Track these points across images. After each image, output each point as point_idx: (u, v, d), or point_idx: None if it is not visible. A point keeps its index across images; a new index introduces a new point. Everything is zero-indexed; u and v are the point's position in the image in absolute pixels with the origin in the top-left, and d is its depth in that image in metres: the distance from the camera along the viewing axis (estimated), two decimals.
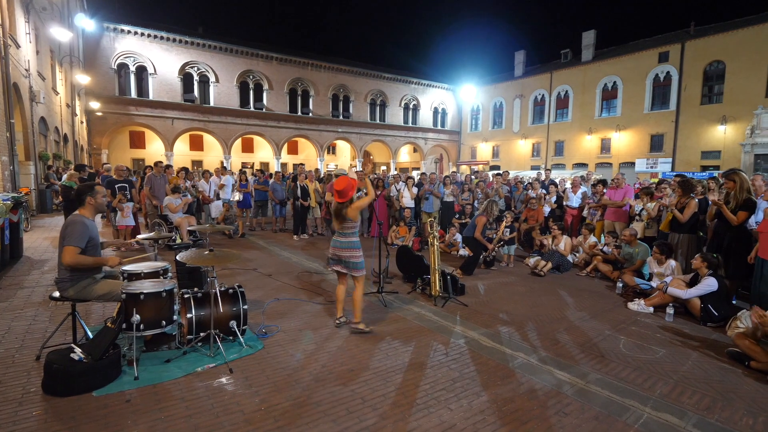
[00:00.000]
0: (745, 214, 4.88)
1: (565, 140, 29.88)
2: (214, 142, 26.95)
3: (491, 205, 6.83)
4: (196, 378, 3.15)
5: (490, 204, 6.86)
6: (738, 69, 21.80)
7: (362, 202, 4.20)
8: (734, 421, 2.77)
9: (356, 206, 4.12)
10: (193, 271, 4.49)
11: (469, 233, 6.84)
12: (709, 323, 4.53)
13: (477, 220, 6.76)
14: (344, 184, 4.10)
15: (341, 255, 4.15)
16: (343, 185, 4.09)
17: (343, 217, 4.14)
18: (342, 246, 4.15)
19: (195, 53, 24.97)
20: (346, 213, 4.11)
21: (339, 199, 4.11)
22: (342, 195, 4.09)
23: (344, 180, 4.15)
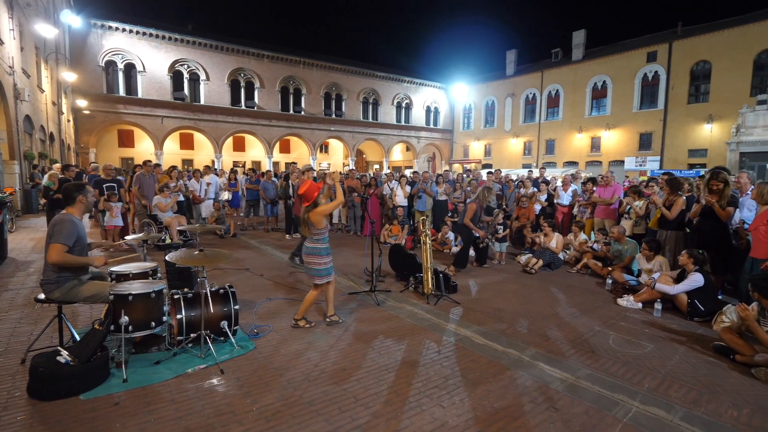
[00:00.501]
0: (731, 210, 4.98)
1: (556, 139, 30.12)
2: (205, 140, 26.70)
3: (484, 192, 6.76)
4: (186, 379, 3.12)
5: (484, 190, 6.79)
6: (723, 68, 22.15)
7: (326, 208, 4.08)
8: (720, 413, 2.82)
9: (320, 211, 4.01)
10: (184, 271, 4.44)
11: (460, 220, 6.83)
12: (695, 318, 4.61)
13: (468, 206, 6.72)
14: (306, 187, 4.01)
15: (306, 261, 4.13)
16: (305, 188, 4.01)
17: (306, 222, 4.07)
18: (307, 251, 4.11)
19: (185, 51, 24.69)
20: (308, 218, 4.03)
21: (304, 203, 4.03)
22: (305, 198, 4.01)
23: (306, 183, 4.09)
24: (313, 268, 4.08)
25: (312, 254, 4.07)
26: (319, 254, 4.05)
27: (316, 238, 4.07)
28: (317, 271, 4.07)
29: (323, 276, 4.10)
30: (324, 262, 4.07)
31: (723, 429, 2.64)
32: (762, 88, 21.07)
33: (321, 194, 4.08)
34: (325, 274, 4.10)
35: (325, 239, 4.12)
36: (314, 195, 4.00)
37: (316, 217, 4.03)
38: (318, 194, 4.03)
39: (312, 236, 4.08)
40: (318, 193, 4.03)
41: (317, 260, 4.05)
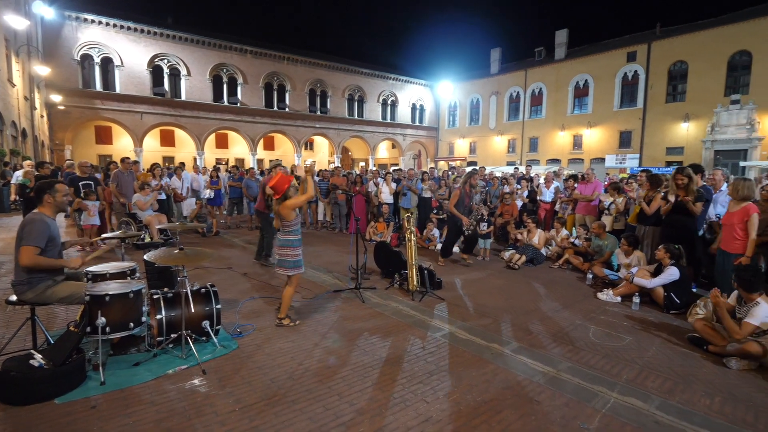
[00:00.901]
0: (699, 205, 5.12)
1: (540, 136, 30.54)
2: (187, 137, 26.17)
3: (469, 176, 6.67)
4: (167, 380, 3.06)
5: (468, 175, 6.72)
6: (699, 69, 22.78)
7: (296, 201, 4.07)
8: (693, 402, 2.92)
9: (289, 204, 4.03)
10: (164, 270, 4.35)
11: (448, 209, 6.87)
12: (671, 311, 4.74)
13: (453, 192, 6.69)
14: (276, 180, 4.04)
15: (279, 254, 4.14)
16: (275, 181, 4.04)
17: (277, 215, 4.10)
18: (279, 244, 4.14)
19: (165, 45, 24.13)
20: (278, 210, 4.06)
21: (275, 196, 4.06)
22: (275, 191, 4.03)
23: (277, 175, 4.10)
24: (287, 260, 4.10)
25: (285, 246, 4.10)
26: (292, 246, 4.09)
27: (288, 230, 4.10)
28: (291, 263, 4.10)
29: (296, 268, 4.14)
30: (297, 254, 4.12)
31: (696, 417, 2.73)
32: (735, 88, 21.75)
33: (291, 187, 4.09)
34: (298, 265, 4.14)
35: (297, 231, 4.15)
36: (284, 188, 4.02)
37: (286, 210, 4.04)
38: (288, 187, 4.05)
39: (284, 228, 4.11)
40: (288, 186, 4.05)
41: (290, 252, 4.09)
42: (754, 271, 3.57)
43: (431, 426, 2.58)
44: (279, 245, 4.15)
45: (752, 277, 3.54)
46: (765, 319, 3.40)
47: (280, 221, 4.12)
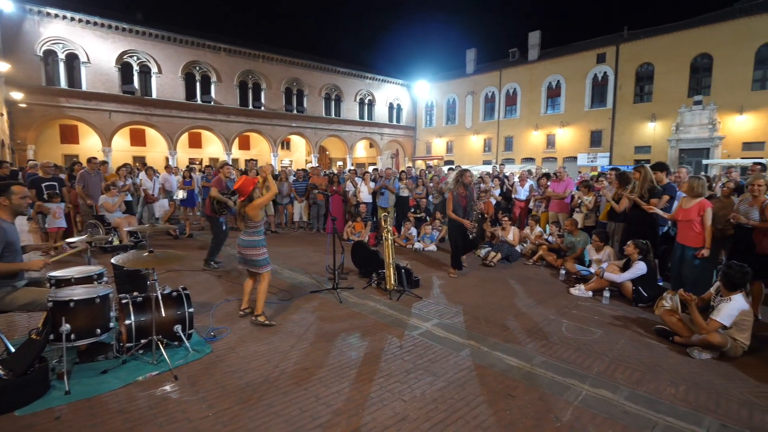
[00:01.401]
0: (656, 201, 5.32)
1: (514, 136, 31.11)
2: (158, 137, 25.37)
3: (459, 176, 6.17)
4: (136, 388, 2.97)
5: (459, 174, 6.21)
6: (664, 71, 23.70)
7: (261, 200, 4.17)
8: (659, 391, 3.03)
9: (256, 204, 4.12)
10: (133, 274, 4.20)
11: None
12: (639, 304, 4.92)
13: (447, 198, 6.19)
14: (241, 182, 4.14)
15: (244, 253, 4.21)
16: (240, 183, 4.14)
17: (243, 216, 4.17)
18: (244, 245, 4.21)
19: (134, 41, 23.30)
20: (245, 212, 4.13)
21: (240, 198, 4.15)
22: (240, 193, 4.13)
23: (242, 178, 4.20)
24: (254, 260, 4.20)
25: (250, 246, 4.19)
26: (257, 246, 4.20)
27: (252, 231, 4.21)
28: (258, 261, 4.20)
29: (263, 265, 4.24)
30: (263, 253, 4.23)
31: (662, 406, 2.84)
32: (698, 89, 22.74)
33: (256, 188, 4.19)
34: (265, 263, 4.24)
35: (261, 231, 4.27)
36: (249, 189, 4.11)
37: (253, 211, 4.14)
38: (253, 188, 4.14)
39: (248, 229, 4.21)
40: (253, 188, 4.14)
41: (257, 252, 4.19)
42: (743, 273, 3.64)
43: (408, 424, 2.59)
44: (245, 245, 4.21)
45: (738, 277, 3.62)
46: (732, 316, 3.55)
47: (244, 223, 4.20)
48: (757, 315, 4.44)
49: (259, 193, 4.21)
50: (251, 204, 4.11)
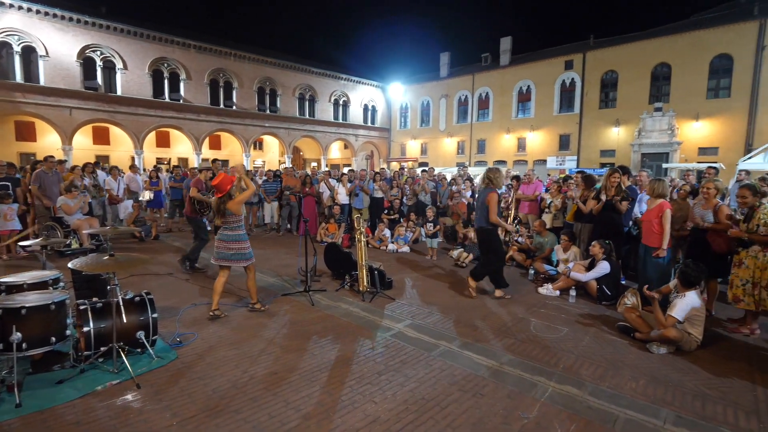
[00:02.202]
0: (627, 203, 5.58)
1: (487, 139, 31.74)
2: (124, 135, 24.37)
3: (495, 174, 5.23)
4: (95, 398, 2.83)
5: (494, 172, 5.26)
6: (628, 78, 24.78)
7: (243, 197, 4.39)
8: (621, 386, 3.16)
9: (237, 201, 4.35)
10: (93, 279, 4.01)
11: (482, 222, 5.19)
12: (604, 302, 5.11)
13: (488, 198, 5.06)
14: (219, 180, 4.34)
15: (231, 247, 4.38)
16: (218, 180, 4.34)
17: (223, 212, 4.36)
18: (229, 239, 4.39)
19: (97, 35, 22.31)
20: (227, 207, 4.34)
21: (216, 194, 4.34)
22: (218, 190, 4.32)
23: (220, 175, 4.41)
24: (240, 253, 4.41)
25: (236, 240, 4.41)
26: (240, 239, 4.43)
27: (235, 225, 4.43)
28: (244, 254, 4.43)
29: (249, 258, 4.47)
30: (247, 246, 4.47)
31: (623, 400, 2.96)
32: (658, 96, 23.89)
33: (234, 186, 4.38)
34: (249, 256, 4.48)
35: (242, 226, 4.51)
36: (227, 187, 4.31)
37: (236, 207, 4.37)
38: (231, 186, 4.34)
39: (230, 224, 4.41)
40: (231, 186, 4.34)
41: (241, 245, 4.42)
42: (698, 271, 3.83)
43: (379, 426, 2.59)
44: (230, 240, 4.39)
45: (694, 275, 3.82)
46: (685, 312, 3.73)
47: (222, 218, 4.38)
48: (711, 311, 4.69)
49: (237, 191, 4.39)
50: (233, 200, 4.31)
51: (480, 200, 5.28)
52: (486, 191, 5.15)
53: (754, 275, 4.04)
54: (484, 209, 5.13)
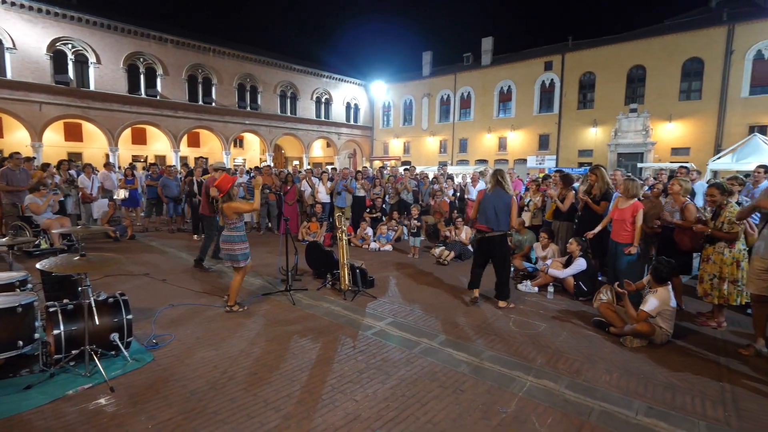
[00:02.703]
0: (606, 203, 5.73)
1: (469, 138, 32.05)
2: (97, 132, 23.59)
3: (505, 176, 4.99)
4: (66, 403, 2.74)
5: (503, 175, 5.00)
6: (605, 80, 25.41)
7: (240, 207, 4.46)
8: (596, 379, 3.24)
9: (232, 206, 4.41)
10: (63, 280, 3.88)
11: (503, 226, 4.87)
12: (580, 297, 5.24)
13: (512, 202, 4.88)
14: (221, 179, 4.47)
15: (224, 248, 4.50)
16: (220, 180, 4.47)
17: (222, 212, 4.46)
18: (224, 239, 4.51)
19: (69, 28, 21.51)
20: (221, 207, 4.44)
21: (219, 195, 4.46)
22: (219, 189, 4.44)
23: (222, 176, 4.58)
24: (232, 254, 4.47)
25: (230, 241, 4.46)
26: (233, 241, 4.45)
27: (232, 227, 4.48)
28: (236, 255, 4.47)
29: (241, 259, 4.50)
30: (240, 248, 4.47)
31: (598, 392, 3.04)
32: (633, 98, 24.58)
33: (234, 186, 4.48)
34: (244, 258, 4.51)
35: (240, 228, 4.53)
36: (227, 187, 4.39)
37: (228, 211, 4.41)
38: (231, 186, 4.42)
39: (228, 225, 4.49)
40: (231, 185, 4.42)
41: (237, 246, 4.46)
42: (670, 268, 3.97)
43: (360, 424, 2.59)
44: (224, 240, 4.49)
45: (666, 271, 3.94)
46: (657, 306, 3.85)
47: (222, 218, 4.49)
48: (681, 305, 4.86)
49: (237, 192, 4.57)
50: (229, 205, 4.39)
51: (500, 204, 4.85)
52: (506, 196, 4.89)
53: (721, 271, 4.21)
54: (506, 213, 4.86)
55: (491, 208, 4.87)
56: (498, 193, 4.89)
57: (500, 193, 4.88)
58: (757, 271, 3.67)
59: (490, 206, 4.88)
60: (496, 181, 4.96)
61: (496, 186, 4.94)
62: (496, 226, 4.85)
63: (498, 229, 4.86)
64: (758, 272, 3.66)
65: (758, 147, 13.45)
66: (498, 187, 4.92)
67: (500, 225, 4.85)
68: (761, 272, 3.64)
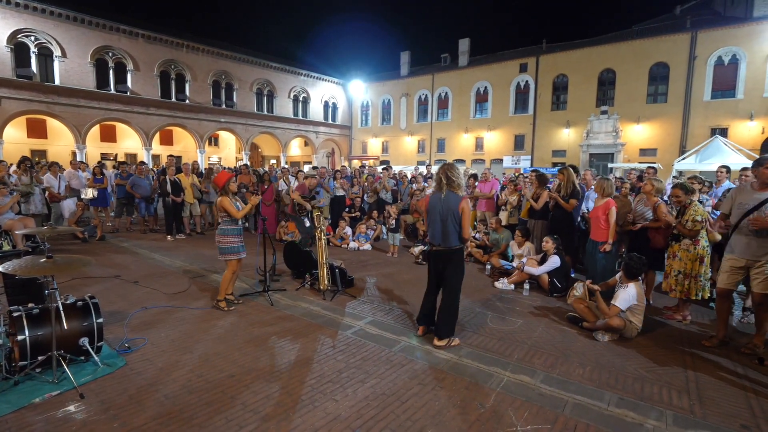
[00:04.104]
0: (575, 201, 5.91)
1: (446, 138, 32.39)
2: (63, 128, 22.59)
3: (454, 172, 3.87)
4: (32, 411, 2.63)
5: (451, 169, 3.89)
6: (577, 82, 26.18)
7: (228, 206, 4.49)
8: (570, 373, 3.34)
9: (224, 206, 4.49)
10: (29, 283, 3.71)
11: (452, 241, 3.78)
12: (555, 294, 5.38)
13: (460, 206, 3.72)
14: (218, 176, 4.68)
15: (216, 240, 4.63)
16: (217, 176, 4.68)
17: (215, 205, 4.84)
18: (218, 232, 4.62)
19: (31, 19, 20.50)
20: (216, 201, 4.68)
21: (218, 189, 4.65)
22: (215, 185, 4.66)
23: (221, 172, 4.78)
24: (219, 246, 4.58)
25: (219, 234, 4.59)
26: (224, 234, 4.56)
27: (222, 221, 4.60)
28: (222, 249, 4.57)
29: (227, 253, 4.58)
30: (228, 242, 4.56)
31: (572, 386, 3.13)
32: (604, 100, 25.42)
33: (230, 182, 4.58)
34: (229, 251, 4.57)
35: (228, 222, 4.60)
36: (222, 183, 4.53)
37: (219, 206, 4.54)
38: (227, 182, 4.54)
39: (221, 219, 4.62)
40: (227, 181, 4.54)
41: (222, 239, 4.55)
42: (641, 264, 4.13)
43: (339, 424, 2.58)
44: (217, 233, 4.62)
45: (637, 267, 4.10)
46: (628, 302, 4.00)
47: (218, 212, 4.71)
48: (649, 300, 5.07)
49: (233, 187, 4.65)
50: (221, 200, 4.49)
51: (446, 212, 3.72)
52: (454, 200, 3.72)
53: (686, 267, 4.41)
54: (454, 223, 3.71)
55: (437, 219, 3.79)
56: (446, 197, 3.77)
57: (449, 196, 3.76)
58: (727, 267, 3.86)
59: (436, 215, 3.80)
60: (441, 180, 3.81)
61: (444, 186, 3.79)
62: (442, 242, 3.80)
63: (446, 245, 3.79)
64: (728, 269, 3.84)
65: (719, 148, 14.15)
66: (447, 188, 3.78)
67: (448, 240, 3.75)
68: (732, 269, 3.82)
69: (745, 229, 3.67)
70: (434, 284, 4.04)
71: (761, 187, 3.65)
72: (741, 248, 3.73)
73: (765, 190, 3.62)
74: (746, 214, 3.65)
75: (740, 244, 3.73)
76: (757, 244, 3.61)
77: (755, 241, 3.62)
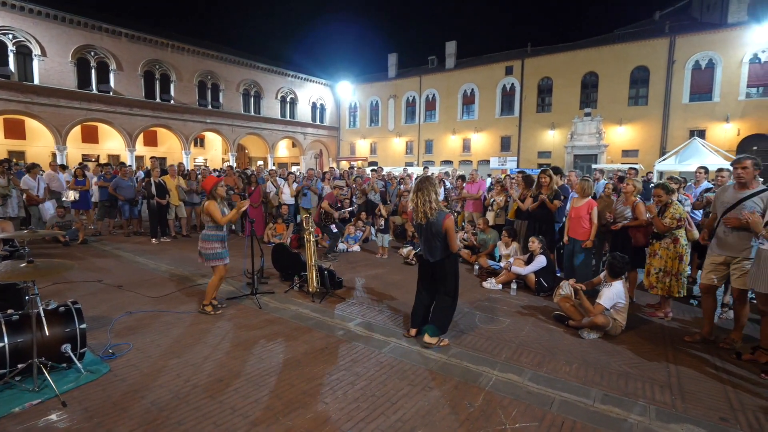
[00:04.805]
0: (559, 202, 6.01)
1: (434, 139, 32.57)
2: (42, 129, 22.02)
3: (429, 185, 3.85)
4: (11, 421, 2.56)
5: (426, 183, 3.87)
6: (561, 85, 26.62)
7: (213, 211, 4.44)
8: (557, 370, 3.40)
9: (209, 211, 4.44)
10: (7, 289, 3.61)
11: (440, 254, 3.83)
12: (541, 293, 5.46)
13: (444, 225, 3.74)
14: (206, 180, 4.73)
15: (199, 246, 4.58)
16: (205, 181, 4.78)
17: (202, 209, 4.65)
18: (201, 237, 4.56)
19: (8, 17, 19.95)
20: (202, 205, 4.61)
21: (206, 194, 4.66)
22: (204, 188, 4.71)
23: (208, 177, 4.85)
24: (203, 252, 4.53)
25: (203, 240, 4.53)
26: (207, 240, 4.51)
27: (211, 226, 4.53)
28: (205, 254, 4.51)
29: (211, 259, 4.52)
30: (211, 247, 4.50)
31: (559, 383, 3.18)
32: (588, 102, 25.91)
33: (217, 186, 4.57)
34: (213, 257, 4.52)
35: (212, 228, 4.53)
36: (209, 187, 4.56)
37: (206, 210, 4.49)
38: (214, 186, 4.54)
39: (206, 224, 4.56)
40: (214, 186, 4.54)
41: (207, 245, 4.50)
42: (624, 263, 4.23)
43: (329, 426, 2.58)
44: (201, 238, 4.56)
45: (621, 266, 4.20)
46: (612, 300, 4.09)
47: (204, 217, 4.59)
48: (632, 298, 5.18)
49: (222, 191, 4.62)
50: (207, 204, 4.47)
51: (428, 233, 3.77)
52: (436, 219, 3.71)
53: (666, 264, 4.53)
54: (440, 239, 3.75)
55: (422, 237, 3.86)
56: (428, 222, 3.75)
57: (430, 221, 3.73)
58: (709, 263, 3.98)
59: (422, 233, 3.86)
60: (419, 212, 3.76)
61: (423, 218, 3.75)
62: (431, 257, 3.86)
63: (434, 259, 3.85)
64: (712, 266, 3.95)
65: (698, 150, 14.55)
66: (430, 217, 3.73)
67: (437, 255, 3.82)
68: (713, 265, 3.93)
69: (724, 226, 3.79)
70: (426, 283, 4.06)
71: (740, 187, 3.78)
72: (720, 245, 3.85)
73: (743, 189, 3.74)
74: (725, 213, 3.77)
75: (719, 241, 3.86)
76: (735, 241, 3.73)
77: (732, 237, 3.74)
